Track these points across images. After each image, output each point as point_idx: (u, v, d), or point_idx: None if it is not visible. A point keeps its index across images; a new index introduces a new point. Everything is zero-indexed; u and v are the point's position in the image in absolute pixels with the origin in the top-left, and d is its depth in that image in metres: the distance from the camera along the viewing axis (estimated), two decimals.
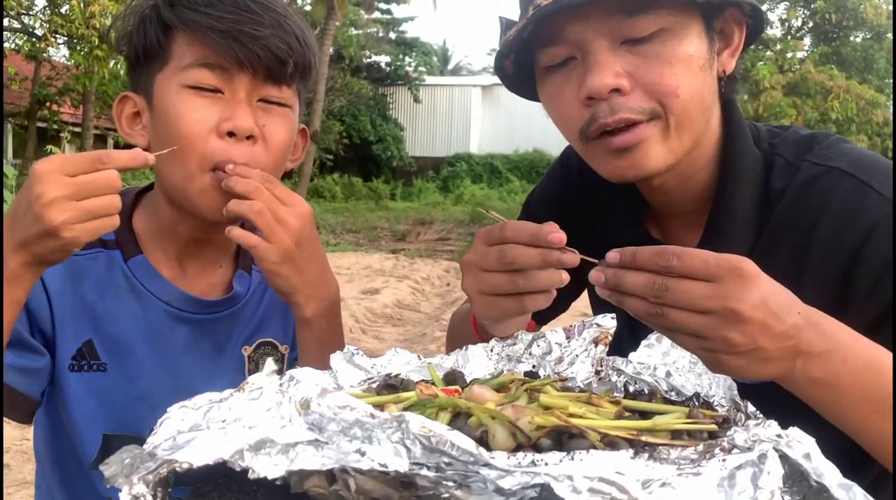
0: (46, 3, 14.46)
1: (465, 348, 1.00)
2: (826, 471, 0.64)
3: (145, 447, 0.66)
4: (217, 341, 1.23)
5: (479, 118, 30.10)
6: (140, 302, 1.17)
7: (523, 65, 1.12)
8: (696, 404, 0.85)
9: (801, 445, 0.65)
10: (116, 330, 1.16)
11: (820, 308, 0.85)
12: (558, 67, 1.06)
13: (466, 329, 1.18)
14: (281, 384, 0.78)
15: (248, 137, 1.09)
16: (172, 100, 1.09)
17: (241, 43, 1.06)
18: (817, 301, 0.85)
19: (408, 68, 29.22)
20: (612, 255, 0.84)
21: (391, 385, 0.86)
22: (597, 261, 0.88)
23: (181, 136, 1.07)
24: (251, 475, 0.62)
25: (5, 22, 14.70)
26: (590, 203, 1.27)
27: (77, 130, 17.49)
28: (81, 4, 12.48)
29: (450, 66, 44.22)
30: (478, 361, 0.99)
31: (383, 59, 29.08)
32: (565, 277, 0.93)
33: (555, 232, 0.90)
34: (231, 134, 1.08)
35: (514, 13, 1.13)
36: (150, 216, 1.20)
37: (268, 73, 1.09)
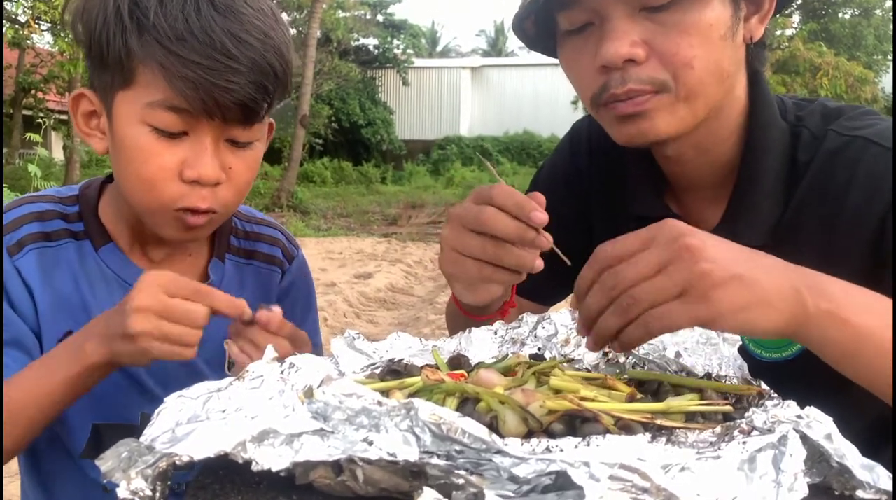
0: None
1: (468, 330, 0.98)
2: (847, 452, 0.63)
3: (143, 439, 0.64)
4: None
5: (469, 100, 29.98)
6: (115, 290, 1.13)
7: (544, 26, 1.08)
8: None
9: (822, 425, 0.64)
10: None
11: (852, 280, 0.82)
12: (577, 32, 1.03)
13: (453, 306, 1.15)
14: (282, 372, 0.76)
15: (214, 184, 1.05)
16: (133, 135, 1.02)
17: (213, 96, 0.98)
18: (849, 273, 0.82)
19: (396, 51, 29.02)
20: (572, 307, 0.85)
21: (395, 371, 0.84)
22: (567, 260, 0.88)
23: (141, 178, 1.03)
24: (254, 468, 0.60)
25: None
26: (603, 178, 1.25)
27: (63, 117, 17.32)
28: None
29: (438, 48, 44.07)
30: (481, 344, 0.97)
31: (371, 42, 28.88)
32: (539, 263, 0.91)
33: (538, 211, 0.88)
34: (196, 182, 1.03)
35: None
36: (115, 209, 1.17)
37: (236, 120, 1.02)
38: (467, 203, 0.95)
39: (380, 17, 28.93)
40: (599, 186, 1.25)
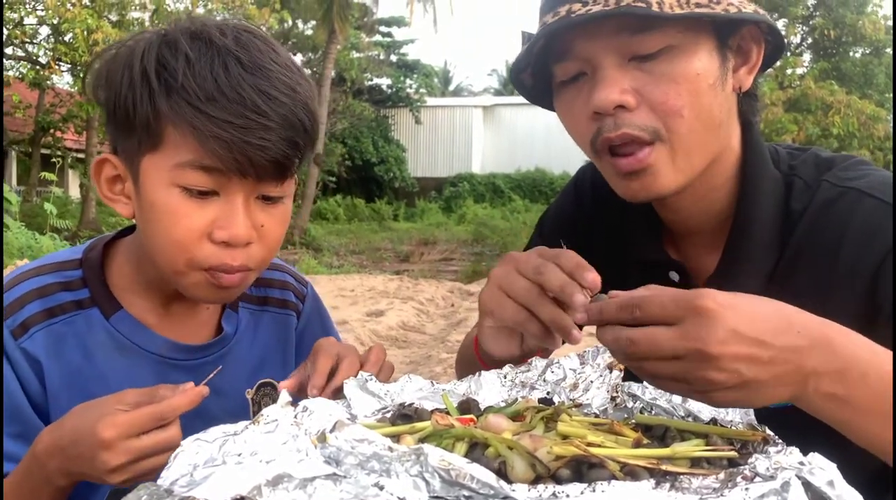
0: (50, 32, 14.58)
1: (478, 374, 1.00)
2: (850, 498, 0.64)
3: (161, 482, 0.66)
4: (215, 387, 1.16)
5: (481, 138, 30.22)
6: (129, 358, 1.12)
7: (541, 78, 1.13)
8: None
9: (824, 472, 0.64)
10: (109, 390, 1.04)
11: (848, 327, 0.83)
12: (571, 82, 1.07)
13: (470, 349, 1.18)
14: (295, 416, 0.78)
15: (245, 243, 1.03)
16: (162, 197, 1.00)
17: (247, 155, 0.96)
18: (845, 321, 0.83)
19: (409, 90, 29.41)
20: (580, 316, 0.87)
21: (406, 415, 0.85)
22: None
23: (171, 239, 1.01)
24: None
25: (9, 51, 14.84)
26: (605, 223, 1.27)
27: (81, 156, 17.57)
28: (85, 33, 12.57)
29: (451, 88, 44.52)
30: (490, 387, 0.98)
31: (384, 82, 29.29)
32: (576, 334, 0.92)
33: (592, 273, 0.91)
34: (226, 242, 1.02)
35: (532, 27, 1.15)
36: (132, 268, 1.14)
37: (269, 176, 1.01)
38: (532, 253, 0.98)
39: (393, 58, 29.41)
40: (602, 231, 1.28)
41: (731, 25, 1.04)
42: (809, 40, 21.19)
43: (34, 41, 15.09)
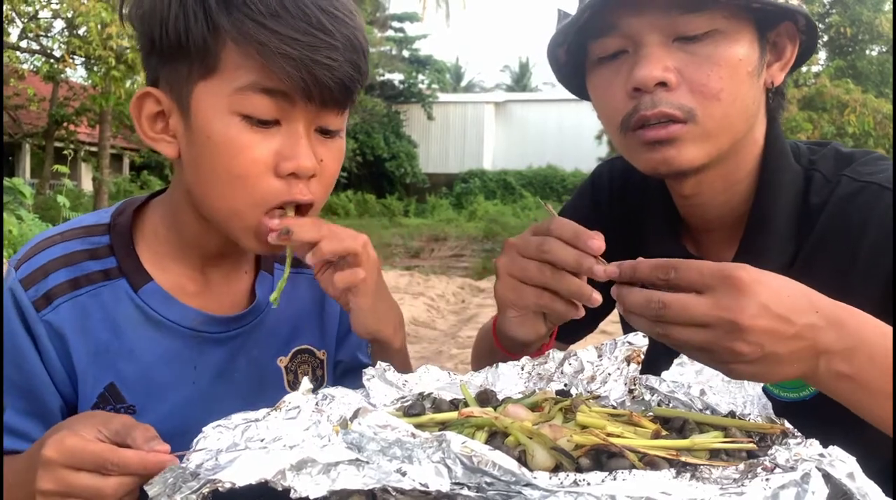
0: (65, 25, 14.65)
1: (495, 366, 1.00)
2: (870, 491, 0.64)
3: (187, 465, 0.66)
4: (251, 356, 1.14)
5: (493, 134, 30.15)
6: (161, 332, 1.06)
7: (575, 56, 1.14)
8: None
9: (844, 464, 0.65)
10: (139, 368, 1.04)
11: None
12: (609, 59, 1.08)
13: (488, 339, 1.18)
14: (317, 403, 0.79)
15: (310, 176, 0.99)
16: (221, 128, 0.94)
17: (314, 74, 0.92)
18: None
19: (421, 86, 29.37)
20: (612, 269, 0.87)
21: (424, 405, 0.86)
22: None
23: (233, 174, 0.95)
24: (293, 495, 0.62)
25: (24, 44, 14.91)
26: (623, 221, 1.28)
27: (93, 149, 17.65)
28: (99, 26, 12.63)
29: (463, 83, 44.45)
30: (508, 379, 0.99)
31: (397, 77, 29.25)
32: (596, 297, 0.94)
33: (595, 239, 0.92)
34: (292, 174, 0.97)
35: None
36: (166, 233, 1.09)
37: (334, 101, 0.97)
38: (525, 235, 0.99)
39: (405, 53, 29.36)
40: (620, 229, 1.28)
41: (771, 19, 1.06)
42: (825, 38, 21.02)
43: (48, 34, 15.15)
